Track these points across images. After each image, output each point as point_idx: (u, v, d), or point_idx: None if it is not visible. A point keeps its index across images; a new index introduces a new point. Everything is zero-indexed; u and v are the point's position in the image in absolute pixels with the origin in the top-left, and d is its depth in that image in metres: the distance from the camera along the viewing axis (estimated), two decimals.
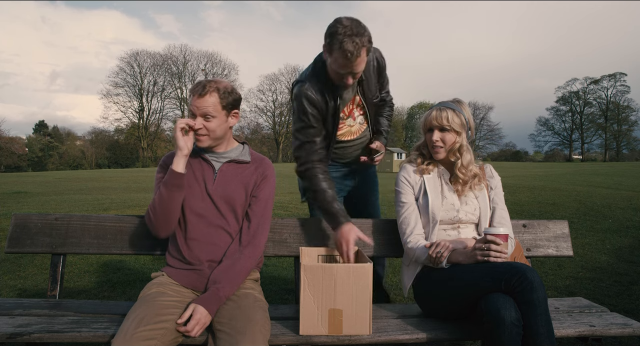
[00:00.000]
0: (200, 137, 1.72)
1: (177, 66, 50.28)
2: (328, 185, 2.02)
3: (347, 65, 1.83)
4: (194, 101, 1.70)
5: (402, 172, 2.01)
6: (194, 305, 1.53)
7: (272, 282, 3.58)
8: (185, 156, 1.69)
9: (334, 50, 1.82)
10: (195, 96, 1.70)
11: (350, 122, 2.21)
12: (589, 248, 4.56)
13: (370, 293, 1.62)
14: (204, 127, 1.70)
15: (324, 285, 1.60)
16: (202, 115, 1.69)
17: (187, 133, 1.70)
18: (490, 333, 1.47)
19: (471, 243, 1.80)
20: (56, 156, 48.84)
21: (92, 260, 4.16)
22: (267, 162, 1.88)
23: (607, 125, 53.94)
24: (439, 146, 1.90)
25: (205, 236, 1.73)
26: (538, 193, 8.06)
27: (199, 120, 1.69)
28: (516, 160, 55.39)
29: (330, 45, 1.83)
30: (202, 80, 1.74)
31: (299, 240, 2.14)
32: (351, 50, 1.77)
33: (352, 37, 1.76)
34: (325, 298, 1.61)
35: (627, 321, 1.79)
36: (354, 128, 2.23)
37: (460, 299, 1.65)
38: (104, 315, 1.78)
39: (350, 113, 2.18)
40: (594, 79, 54.34)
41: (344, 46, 1.77)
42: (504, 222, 1.93)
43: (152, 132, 50.96)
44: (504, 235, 1.65)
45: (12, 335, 1.55)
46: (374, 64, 2.15)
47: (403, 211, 1.96)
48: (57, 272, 2.04)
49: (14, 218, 2.09)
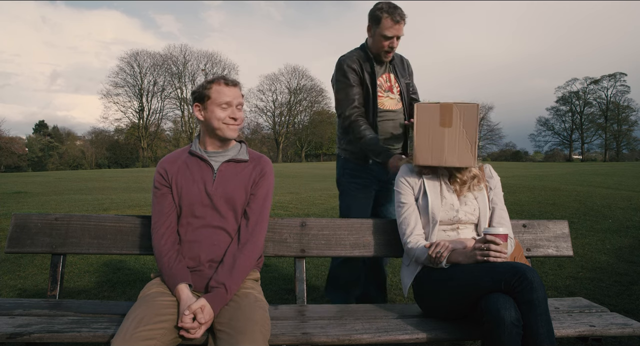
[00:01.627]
0: (237, 127, 1.76)
1: (177, 66, 50.24)
2: (370, 132, 2.37)
3: (395, 28, 2.30)
4: (227, 90, 1.72)
5: (402, 173, 2.01)
6: (204, 300, 1.53)
7: (272, 282, 3.58)
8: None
9: (382, 18, 2.30)
10: (228, 85, 1.73)
11: (390, 94, 2.52)
12: (589, 248, 4.56)
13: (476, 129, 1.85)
14: (240, 117, 1.76)
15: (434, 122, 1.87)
16: (237, 104, 1.75)
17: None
18: (490, 333, 1.47)
19: (471, 243, 1.80)
20: (56, 156, 48.83)
21: (92, 260, 4.16)
22: (265, 159, 1.88)
23: (607, 125, 53.92)
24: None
25: (205, 237, 1.73)
26: (538, 193, 8.05)
27: (235, 110, 1.74)
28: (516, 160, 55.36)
29: (376, 17, 2.32)
30: (219, 75, 1.77)
31: (299, 240, 2.14)
32: (400, 13, 2.29)
33: (396, 8, 2.32)
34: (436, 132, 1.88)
35: (627, 321, 1.79)
36: (392, 101, 2.52)
37: (460, 299, 1.65)
38: (104, 315, 1.78)
39: (389, 87, 2.52)
40: (594, 79, 54.31)
41: (392, 11, 2.29)
42: (503, 222, 1.94)
43: (152, 132, 50.92)
44: (504, 235, 1.65)
45: (12, 335, 1.55)
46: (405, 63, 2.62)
47: (403, 211, 1.96)
48: (57, 272, 2.04)
49: (14, 218, 2.09)
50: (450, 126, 1.86)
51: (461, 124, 1.86)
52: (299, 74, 52.22)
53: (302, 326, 1.73)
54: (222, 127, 1.73)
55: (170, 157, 1.85)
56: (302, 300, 2.08)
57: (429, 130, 1.88)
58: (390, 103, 2.51)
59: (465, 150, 1.87)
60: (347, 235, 2.16)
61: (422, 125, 1.89)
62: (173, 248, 1.70)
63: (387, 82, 2.52)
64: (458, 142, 1.86)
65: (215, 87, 1.72)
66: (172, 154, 1.86)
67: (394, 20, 2.28)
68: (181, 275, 1.64)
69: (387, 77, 2.52)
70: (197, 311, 1.50)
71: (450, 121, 1.86)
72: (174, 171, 1.78)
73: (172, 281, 1.63)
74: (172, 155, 1.86)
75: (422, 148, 1.89)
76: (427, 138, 1.88)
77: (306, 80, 52.38)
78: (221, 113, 1.72)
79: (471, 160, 1.87)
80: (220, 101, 1.72)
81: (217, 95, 1.72)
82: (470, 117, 1.85)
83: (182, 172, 1.78)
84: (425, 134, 1.88)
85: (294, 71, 52.51)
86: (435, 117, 1.87)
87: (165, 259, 1.67)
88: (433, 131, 1.88)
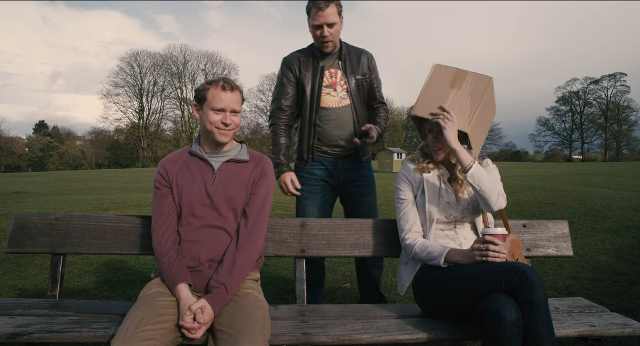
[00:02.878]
0: (229, 132, 1.75)
1: (177, 66, 50.26)
2: (282, 138, 2.44)
3: (320, 15, 2.27)
4: (223, 95, 1.71)
5: (403, 169, 2.02)
6: (204, 301, 1.53)
7: (272, 282, 3.58)
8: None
9: (310, 9, 2.31)
10: (225, 90, 1.72)
11: (332, 91, 2.43)
12: (589, 248, 4.56)
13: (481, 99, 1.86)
14: (233, 122, 1.74)
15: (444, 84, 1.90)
16: (232, 110, 1.74)
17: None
18: (490, 333, 1.47)
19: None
20: (56, 156, 48.83)
21: (92, 260, 4.16)
22: (265, 159, 1.88)
23: (607, 125, 53.91)
24: (439, 148, 1.91)
25: (205, 237, 1.73)
26: (538, 193, 8.06)
27: (229, 115, 1.73)
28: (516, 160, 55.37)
29: (307, 9, 2.34)
30: (221, 77, 1.76)
31: (299, 240, 2.14)
32: (321, 2, 2.25)
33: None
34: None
35: (627, 321, 1.79)
36: (334, 99, 2.43)
37: (460, 299, 1.65)
38: (104, 315, 1.78)
39: (332, 83, 2.43)
40: (594, 79, 54.32)
41: (316, 1, 2.27)
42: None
43: (152, 132, 50.93)
44: (502, 235, 1.66)
45: (12, 335, 1.55)
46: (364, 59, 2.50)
47: (402, 208, 1.97)
48: (57, 272, 2.04)
49: (14, 218, 2.09)
50: (459, 89, 1.88)
51: (469, 90, 1.87)
52: None
53: (302, 326, 1.73)
54: (214, 130, 1.73)
55: (171, 157, 1.85)
56: (302, 300, 2.08)
57: (437, 87, 1.90)
58: (330, 100, 2.43)
59: (463, 113, 1.86)
60: (347, 235, 2.16)
61: (433, 81, 1.92)
62: (173, 248, 1.70)
63: (332, 78, 2.43)
64: (460, 104, 1.87)
65: (212, 90, 1.72)
66: (173, 154, 1.87)
67: (317, 7, 2.26)
68: (181, 275, 1.64)
69: (333, 73, 2.43)
70: (197, 311, 1.50)
71: (460, 84, 1.88)
72: (175, 171, 1.78)
73: (171, 281, 1.63)
74: (172, 155, 1.86)
75: (424, 101, 1.90)
76: (432, 93, 1.90)
77: None
78: (214, 117, 1.72)
79: (465, 124, 1.85)
80: (213, 105, 1.72)
81: (212, 99, 1.72)
82: (480, 86, 1.87)
83: (182, 172, 1.78)
84: (432, 90, 1.90)
85: None
86: (448, 78, 1.90)
87: (165, 259, 1.67)
88: (441, 89, 1.89)
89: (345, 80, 2.43)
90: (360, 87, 2.46)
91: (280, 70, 2.48)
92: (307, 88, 2.41)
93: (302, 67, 2.42)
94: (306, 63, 2.43)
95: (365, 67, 2.49)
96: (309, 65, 2.42)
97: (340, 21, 2.37)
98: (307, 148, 2.48)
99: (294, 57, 2.46)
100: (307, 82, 2.41)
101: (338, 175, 2.51)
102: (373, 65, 2.55)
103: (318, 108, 2.41)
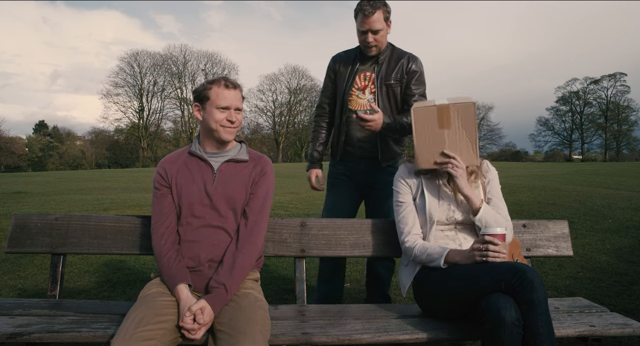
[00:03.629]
0: (233, 130, 1.76)
1: (177, 66, 50.20)
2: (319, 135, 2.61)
3: (366, 22, 2.29)
4: (226, 93, 1.72)
5: (401, 172, 2.02)
6: (204, 302, 1.53)
7: (272, 282, 3.58)
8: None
9: (357, 13, 2.34)
10: (228, 88, 1.73)
11: (361, 94, 2.48)
12: (589, 248, 4.56)
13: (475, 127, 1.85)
14: (237, 120, 1.75)
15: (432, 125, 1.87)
16: (236, 108, 1.75)
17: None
18: (490, 333, 1.47)
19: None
20: (56, 156, 48.82)
21: (92, 260, 4.16)
22: (265, 159, 1.88)
23: (607, 125, 53.89)
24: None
25: (205, 237, 1.73)
26: (538, 193, 8.05)
27: (233, 113, 1.74)
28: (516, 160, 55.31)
29: (354, 13, 2.36)
30: (221, 76, 1.77)
31: (299, 240, 2.14)
32: (368, 9, 2.27)
33: (370, 1, 2.30)
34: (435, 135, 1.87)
35: (627, 321, 1.79)
36: (362, 101, 2.47)
37: (460, 299, 1.65)
38: (104, 315, 1.78)
39: (364, 86, 2.47)
40: (594, 79, 54.28)
41: (362, 7, 2.30)
42: (500, 211, 1.93)
43: (152, 132, 50.89)
44: (502, 235, 1.66)
45: (12, 335, 1.55)
46: (403, 63, 2.45)
47: (401, 211, 1.96)
48: (57, 272, 2.04)
49: (14, 218, 2.09)
50: (449, 128, 1.85)
51: (460, 124, 1.85)
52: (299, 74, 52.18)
53: (302, 326, 1.73)
54: (219, 129, 1.74)
55: (170, 157, 1.85)
56: (302, 300, 2.08)
57: (428, 133, 1.87)
58: (358, 103, 2.47)
59: (467, 150, 1.87)
60: (347, 235, 2.16)
61: (421, 128, 1.87)
62: (173, 248, 1.70)
63: (364, 81, 2.46)
64: (459, 142, 1.86)
65: (215, 88, 1.73)
66: (172, 154, 1.87)
67: (364, 14, 2.29)
68: (180, 275, 1.64)
69: (367, 76, 2.46)
70: (197, 312, 1.50)
71: (448, 122, 1.85)
72: (174, 171, 1.78)
73: (171, 281, 1.63)
74: (172, 155, 1.86)
75: (423, 152, 1.88)
76: (427, 141, 1.87)
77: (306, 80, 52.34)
78: (219, 115, 1.72)
79: (473, 158, 1.88)
80: (218, 104, 1.72)
81: (216, 98, 1.72)
82: (468, 116, 1.84)
83: (181, 172, 1.78)
84: (425, 137, 1.87)
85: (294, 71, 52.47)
86: (432, 119, 1.86)
87: (165, 259, 1.67)
88: (432, 134, 1.86)
89: (375, 85, 2.44)
90: (391, 93, 2.44)
91: (326, 70, 2.60)
92: (339, 88, 2.50)
93: (341, 67, 2.51)
94: (346, 64, 2.50)
95: (402, 72, 2.44)
96: (347, 66, 2.49)
97: (387, 26, 2.38)
98: (336, 146, 2.57)
99: (339, 56, 2.56)
100: (340, 83, 2.50)
101: (359, 176, 2.55)
102: (414, 69, 2.45)
103: (346, 109, 2.49)
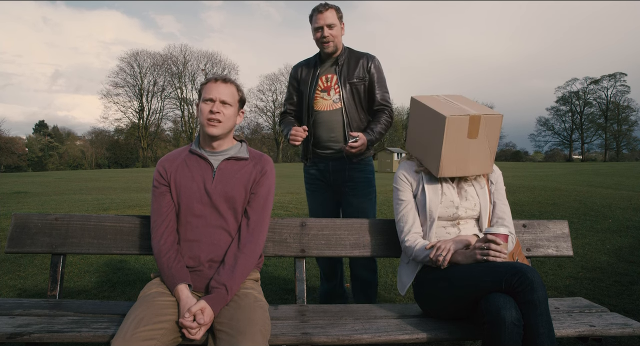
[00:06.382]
0: (216, 123, 1.73)
1: (177, 66, 50.24)
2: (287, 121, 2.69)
3: (320, 18, 2.44)
4: (213, 86, 1.74)
5: (401, 169, 2.01)
6: (204, 302, 1.52)
7: (272, 282, 3.58)
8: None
9: (311, 15, 2.50)
10: (217, 81, 1.75)
11: (325, 95, 2.55)
12: (589, 248, 4.56)
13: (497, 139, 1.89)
14: (222, 113, 1.73)
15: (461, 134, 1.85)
16: (221, 101, 1.74)
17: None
18: (490, 333, 1.47)
19: (473, 239, 1.79)
20: (56, 156, 48.82)
21: (92, 260, 4.16)
22: (266, 158, 1.87)
23: (607, 125, 53.90)
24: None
25: (204, 236, 1.72)
26: (538, 193, 8.05)
27: (217, 105, 1.73)
28: (516, 160, 55.35)
29: (309, 17, 2.52)
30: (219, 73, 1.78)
31: (299, 240, 2.14)
32: (320, 7, 2.45)
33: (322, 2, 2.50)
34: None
35: (627, 321, 1.79)
36: (327, 102, 2.54)
37: (460, 299, 1.65)
38: (104, 315, 1.78)
39: (327, 88, 2.55)
40: (594, 79, 54.31)
41: (316, 7, 2.47)
42: (505, 216, 1.93)
43: (152, 132, 50.91)
44: (504, 235, 1.66)
45: (12, 335, 1.55)
46: (363, 63, 2.54)
47: (401, 209, 1.96)
48: (57, 272, 2.04)
49: (14, 218, 2.09)
50: (477, 137, 1.85)
51: (485, 134, 1.85)
52: None
53: (302, 326, 1.73)
54: (205, 122, 1.74)
55: (170, 155, 1.85)
56: (302, 300, 2.08)
57: (456, 142, 1.85)
58: (323, 104, 2.53)
59: (486, 159, 1.89)
60: (347, 235, 2.16)
61: (452, 138, 1.83)
62: (172, 248, 1.70)
63: (327, 83, 2.54)
64: (481, 152, 1.87)
65: (207, 84, 1.77)
66: (172, 153, 1.87)
67: (317, 11, 2.45)
68: (180, 275, 1.63)
69: (329, 78, 2.54)
70: (197, 313, 1.49)
71: (476, 132, 1.84)
72: (173, 169, 1.78)
73: (171, 281, 1.63)
74: (172, 153, 1.86)
75: (449, 161, 1.86)
76: (455, 150, 1.85)
77: None
78: (204, 107, 1.74)
79: (489, 167, 1.92)
80: (205, 97, 1.75)
81: (204, 92, 1.76)
82: (494, 127, 1.86)
83: (181, 169, 1.78)
84: (453, 147, 1.85)
85: None
86: (463, 128, 1.84)
87: (165, 259, 1.67)
88: (460, 143, 1.85)
89: (338, 85, 2.51)
90: (355, 91, 2.51)
91: (288, 78, 2.75)
92: (304, 93, 2.59)
93: (303, 73, 2.63)
94: (307, 69, 2.62)
95: (363, 71, 2.52)
96: (309, 72, 2.60)
97: (340, 25, 2.51)
98: (306, 148, 2.63)
99: (299, 64, 2.69)
100: (304, 87, 2.60)
101: (329, 177, 2.59)
102: (374, 68, 2.54)
103: (312, 111, 2.55)
